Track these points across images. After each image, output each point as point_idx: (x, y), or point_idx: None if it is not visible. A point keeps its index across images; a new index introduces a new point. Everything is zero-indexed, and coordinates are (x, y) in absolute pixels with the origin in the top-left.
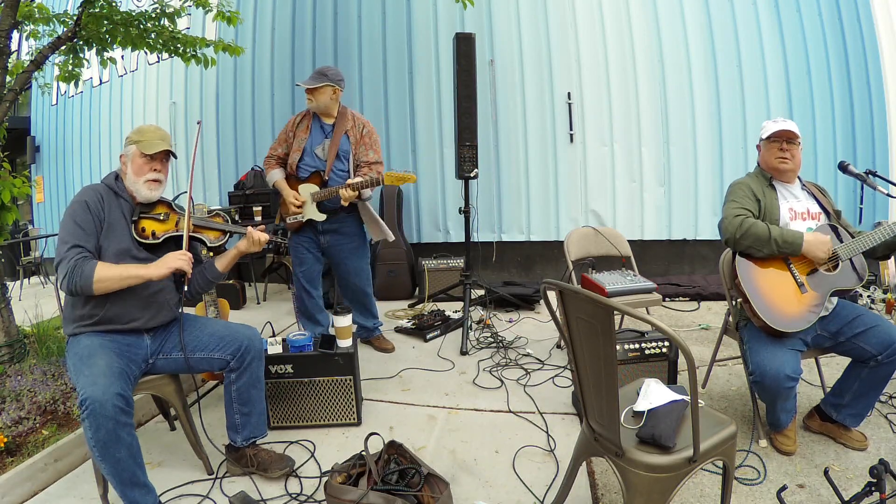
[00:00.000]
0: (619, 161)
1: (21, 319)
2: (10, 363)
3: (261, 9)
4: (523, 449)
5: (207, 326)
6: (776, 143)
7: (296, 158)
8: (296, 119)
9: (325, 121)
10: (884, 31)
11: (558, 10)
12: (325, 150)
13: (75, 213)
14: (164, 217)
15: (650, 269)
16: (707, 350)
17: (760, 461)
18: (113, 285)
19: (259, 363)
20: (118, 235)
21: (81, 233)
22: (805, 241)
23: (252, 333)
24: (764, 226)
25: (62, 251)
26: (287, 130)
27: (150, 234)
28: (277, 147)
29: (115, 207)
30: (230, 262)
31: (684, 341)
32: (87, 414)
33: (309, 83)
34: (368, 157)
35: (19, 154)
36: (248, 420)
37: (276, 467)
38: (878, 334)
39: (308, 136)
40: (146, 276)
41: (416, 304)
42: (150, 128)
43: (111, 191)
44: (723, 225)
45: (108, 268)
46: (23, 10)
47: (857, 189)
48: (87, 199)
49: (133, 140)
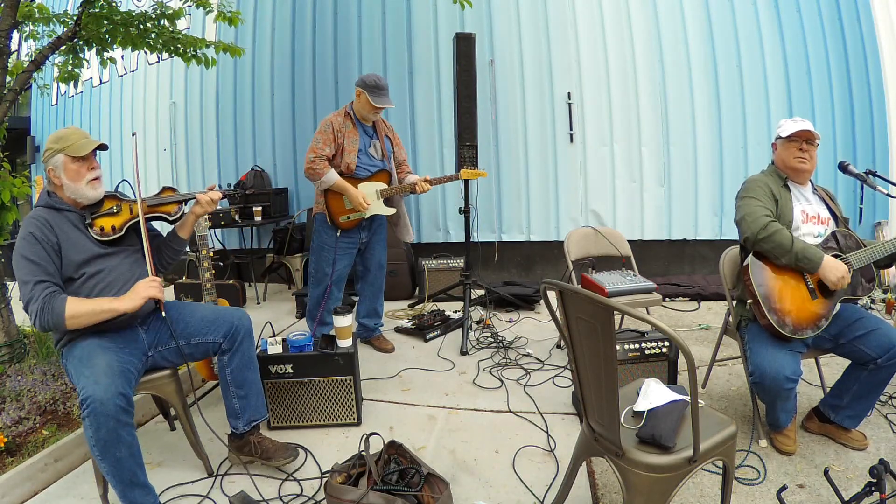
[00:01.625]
0: (619, 161)
1: (21, 319)
2: (10, 363)
3: (261, 9)
4: (523, 449)
5: (196, 312)
6: (795, 142)
7: (353, 158)
8: (338, 120)
9: (366, 124)
10: (884, 31)
11: (558, 10)
12: (377, 150)
13: (24, 251)
14: (117, 209)
15: (650, 269)
16: (707, 350)
17: (760, 461)
18: (85, 321)
19: (250, 343)
20: (79, 247)
21: (38, 268)
22: (823, 264)
23: (240, 314)
24: (789, 235)
25: (26, 291)
26: (334, 130)
27: (109, 230)
28: (325, 147)
29: (63, 222)
30: (190, 227)
31: (684, 341)
32: (89, 413)
33: (391, 103)
34: (403, 156)
35: (19, 154)
36: (246, 403)
37: (281, 455)
38: (878, 337)
39: (359, 136)
40: (120, 310)
41: (416, 304)
42: (68, 131)
43: (52, 209)
44: (745, 222)
45: (80, 303)
46: (23, 10)
47: (857, 189)
48: (31, 230)
49: (56, 149)
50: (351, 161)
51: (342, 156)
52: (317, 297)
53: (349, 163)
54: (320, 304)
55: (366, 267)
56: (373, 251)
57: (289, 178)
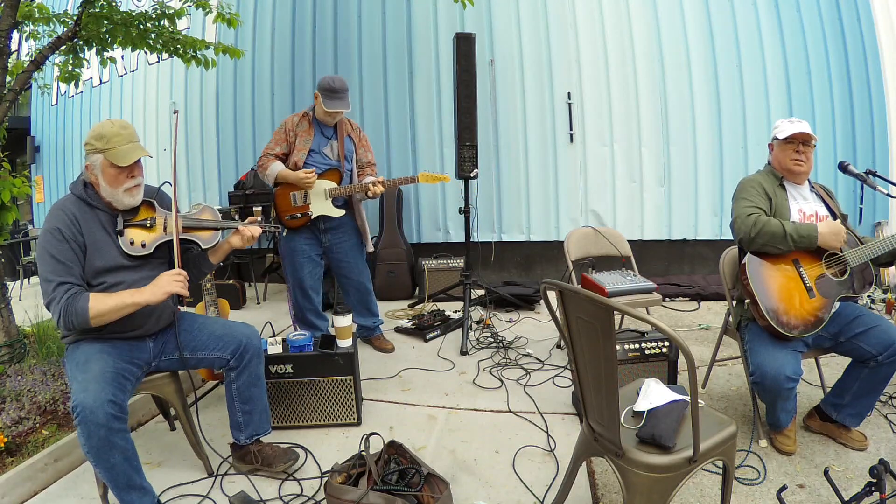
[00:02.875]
0: (619, 161)
1: (21, 319)
2: (10, 363)
3: (261, 10)
4: (523, 449)
5: (206, 326)
6: (792, 144)
7: (302, 156)
8: (293, 120)
9: (326, 124)
10: (884, 31)
11: (558, 10)
12: (333, 150)
13: (50, 247)
14: (151, 223)
15: (650, 269)
16: (707, 350)
17: (760, 461)
18: (111, 317)
19: (258, 361)
20: (104, 252)
21: (62, 267)
22: (820, 233)
23: (251, 332)
24: (777, 222)
25: (49, 290)
26: (286, 130)
27: (139, 245)
28: (275, 146)
29: (93, 221)
30: (223, 255)
31: (684, 341)
32: (79, 421)
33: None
34: (368, 158)
35: (19, 154)
36: (250, 418)
37: (280, 461)
38: (878, 335)
39: (312, 136)
40: (143, 303)
41: (416, 304)
42: (114, 129)
43: (83, 203)
44: (736, 224)
45: (103, 300)
46: (23, 10)
47: (856, 189)
48: (59, 224)
49: (98, 149)
50: (299, 159)
51: (292, 154)
52: (293, 304)
53: (296, 160)
54: (298, 310)
55: (343, 275)
56: (347, 257)
57: None
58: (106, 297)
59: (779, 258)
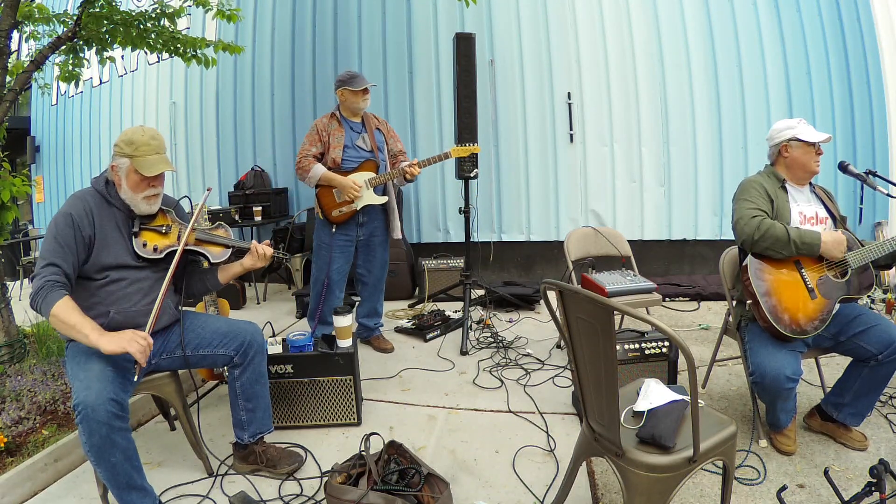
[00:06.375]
0: (619, 161)
1: (21, 319)
2: (10, 363)
3: (261, 8)
4: (523, 449)
5: (209, 323)
6: (814, 146)
7: (339, 153)
8: (322, 121)
9: (353, 120)
10: (884, 31)
11: (558, 10)
12: (365, 142)
13: (58, 227)
14: (166, 230)
15: (650, 269)
16: (707, 350)
17: (760, 461)
18: (61, 329)
19: (262, 358)
20: (112, 249)
21: (60, 250)
22: (823, 241)
23: (254, 329)
24: (782, 227)
25: (39, 266)
26: (318, 131)
27: (151, 249)
28: (311, 147)
29: (108, 218)
30: (232, 276)
31: (684, 341)
32: (81, 419)
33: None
34: (399, 147)
35: (19, 154)
36: (253, 416)
37: (285, 463)
38: (878, 333)
39: (344, 133)
40: (93, 344)
41: (416, 304)
42: (144, 138)
43: (102, 198)
44: (739, 226)
45: (70, 312)
46: (23, 10)
47: (857, 189)
48: (73, 211)
49: (126, 153)
50: (336, 155)
51: (329, 152)
52: (316, 298)
53: (335, 157)
54: (319, 304)
55: (369, 270)
56: (374, 251)
57: (289, 178)
58: (74, 311)
59: (780, 259)
